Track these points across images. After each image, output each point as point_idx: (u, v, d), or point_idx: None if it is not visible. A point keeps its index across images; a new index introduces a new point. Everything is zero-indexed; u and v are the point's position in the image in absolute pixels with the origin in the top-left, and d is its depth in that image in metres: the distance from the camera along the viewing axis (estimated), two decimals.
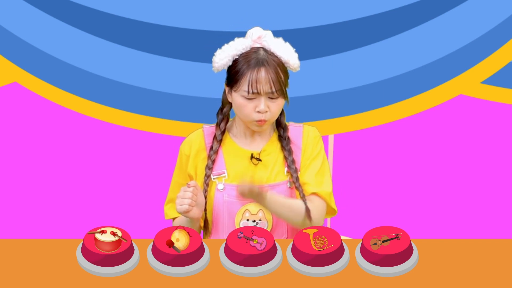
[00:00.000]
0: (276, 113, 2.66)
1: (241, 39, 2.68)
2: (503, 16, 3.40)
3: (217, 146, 2.72)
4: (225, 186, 2.70)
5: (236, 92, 2.64)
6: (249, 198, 2.61)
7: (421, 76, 3.40)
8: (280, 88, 2.62)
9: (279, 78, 2.62)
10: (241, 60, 2.64)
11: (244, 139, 2.74)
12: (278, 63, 2.64)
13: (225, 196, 2.69)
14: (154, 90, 3.39)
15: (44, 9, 3.38)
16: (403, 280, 2.35)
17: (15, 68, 3.41)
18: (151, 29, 3.35)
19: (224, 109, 2.74)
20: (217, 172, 2.71)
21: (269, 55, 2.64)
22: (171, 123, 3.43)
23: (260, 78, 2.61)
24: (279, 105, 2.65)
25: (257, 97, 2.62)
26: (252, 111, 2.63)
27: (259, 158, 2.71)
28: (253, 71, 2.61)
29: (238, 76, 2.63)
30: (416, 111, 3.49)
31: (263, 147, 2.73)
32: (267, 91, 2.61)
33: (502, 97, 3.49)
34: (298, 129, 2.76)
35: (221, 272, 2.38)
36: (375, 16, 3.36)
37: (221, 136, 2.72)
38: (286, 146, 2.71)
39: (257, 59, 2.62)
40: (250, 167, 2.71)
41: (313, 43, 3.36)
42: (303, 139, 2.74)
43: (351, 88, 3.40)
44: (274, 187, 2.69)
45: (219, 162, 2.72)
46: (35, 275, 2.36)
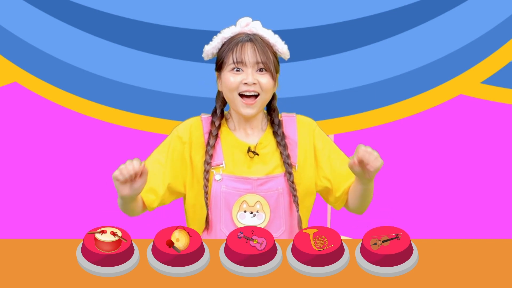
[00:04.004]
0: (265, 89, 2.66)
1: (230, 27, 2.70)
2: (503, 16, 3.40)
3: (213, 141, 2.72)
4: (222, 177, 2.70)
5: (224, 71, 2.66)
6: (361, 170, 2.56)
7: (421, 76, 3.40)
8: (267, 61, 2.63)
9: (265, 51, 2.64)
10: (228, 41, 2.69)
11: (239, 132, 2.74)
12: (266, 42, 2.67)
13: (223, 187, 2.69)
14: (154, 90, 3.39)
15: (44, 9, 3.38)
16: (403, 280, 2.35)
17: (15, 68, 3.41)
18: (151, 29, 3.35)
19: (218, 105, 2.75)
20: (215, 163, 2.71)
21: (256, 36, 2.68)
22: (171, 123, 3.43)
23: (245, 49, 2.64)
24: (268, 81, 2.66)
25: (245, 70, 2.64)
26: (240, 84, 2.64)
27: (255, 151, 2.71)
28: (239, 45, 2.65)
29: (225, 53, 2.67)
30: (416, 111, 3.49)
31: (259, 139, 2.73)
32: (252, 62, 2.63)
33: (502, 97, 3.49)
34: (291, 119, 2.76)
35: (221, 272, 2.38)
36: (375, 16, 3.37)
37: (216, 131, 2.73)
38: (281, 141, 2.72)
39: (244, 37, 2.67)
40: (247, 157, 2.71)
41: (313, 43, 3.36)
42: (298, 131, 2.75)
43: (351, 88, 3.40)
44: (272, 179, 2.69)
45: (217, 153, 2.72)
46: (35, 275, 2.36)
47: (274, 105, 2.76)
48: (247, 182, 2.69)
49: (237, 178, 2.69)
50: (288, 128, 2.75)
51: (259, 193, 2.68)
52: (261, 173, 2.69)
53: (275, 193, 2.69)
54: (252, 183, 2.69)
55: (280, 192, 2.70)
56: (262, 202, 2.68)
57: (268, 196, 2.69)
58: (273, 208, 2.69)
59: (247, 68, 2.64)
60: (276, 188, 2.70)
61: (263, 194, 2.68)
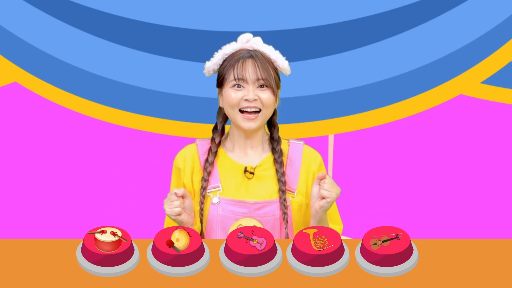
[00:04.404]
0: (266, 105, 2.65)
1: (231, 43, 2.70)
2: (503, 16, 3.40)
3: (212, 158, 2.71)
4: (219, 200, 2.69)
5: (225, 87, 2.65)
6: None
7: (421, 76, 3.41)
8: (268, 77, 2.63)
9: (266, 68, 2.64)
10: (229, 58, 2.68)
11: (238, 152, 2.73)
12: (267, 58, 2.67)
13: (220, 210, 2.68)
14: (154, 90, 3.39)
15: (44, 9, 3.38)
16: (403, 280, 2.35)
17: (15, 68, 3.42)
18: (151, 29, 3.35)
19: (219, 121, 2.75)
20: (212, 186, 2.70)
21: (257, 52, 2.67)
22: (171, 123, 3.43)
23: (246, 66, 2.64)
24: (269, 97, 2.65)
25: (246, 87, 2.64)
26: (241, 100, 2.64)
27: (252, 171, 2.70)
28: (240, 61, 2.65)
29: (226, 70, 2.66)
30: (416, 111, 3.49)
31: (259, 162, 2.72)
32: (253, 79, 2.63)
33: (502, 97, 3.49)
34: (298, 146, 2.76)
35: (221, 272, 2.38)
36: (375, 16, 3.37)
37: (216, 148, 2.72)
38: (278, 158, 2.71)
39: (245, 53, 2.66)
40: (244, 180, 2.71)
41: (312, 43, 3.36)
42: (302, 159, 2.74)
43: (351, 88, 3.40)
44: (269, 204, 2.68)
45: (213, 176, 2.71)
46: (35, 275, 2.36)
47: (275, 120, 2.75)
48: (244, 206, 2.68)
49: (234, 202, 2.68)
50: (293, 153, 2.75)
51: (256, 218, 2.67)
52: (258, 197, 2.68)
53: (271, 218, 2.68)
54: (249, 207, 2.68)
55: (277, 218, 2.69)
56: (258, 225, 2.67)
57: (265, 221, 2.67)
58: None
59: (248, 84, 2.64)
60: (273, 214, 2.69)
61: (260, 218, 2.67)
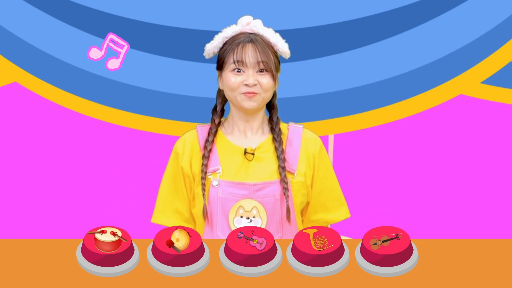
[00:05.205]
0: (266, 89, 2.67)
1: (231, 26, 2.71)
2: (503, 16, 3.40)
3: (212, 137, 2.73)
4: (219, 182, 2.70)
5: (225, 70, 2.67)
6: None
7: (421, 76, 3.40)
8: (268, 61, 2.64)
9: (266, 51, 2.65)
10: (229, 41, 2.70)
11: (237, 135, 2.74)
12: (266, 42, 2.69)
13: (220, 193, 2.69)
14: (154, 90, 3.39)
15: (44, 9, 3.38)
16: (403, 280, 2.35)
17: (15, 68, 3.41)
18: (151, 29, 3.35)
19: (219, 102, 2.76)
20: (212, 169, 2.71)
21: (257, 36, 2.69)
22: (171, 123, 3.43)
23: (246, 50, 2.66)
24: (269, 82, 2.67)
25: (245, 71, 2.65)
26: (240, 84, 2.65)
27: (252, 153, 2.71)
28: (240, 46, 2.67)
29: (226, 53, 2.68)
30: (416, 111, 3.49)
31: (258, 144, 2.73)
32: (253, 62, 2.64)
33: (502, 97, 3.49)
34: (298, 130, 2.77)
35: (221, 272, 2.38)
36: (375, 16, 3.37)
37: (216, 128, 2.74)
38: (277, 137, 2.72)
39: (244, 38, 2.68)
40: (244, 163, 2.71)
41: (312, 43, 3.36)
42: (301, 143, 2.74)
43: (351, 88, 3.40)
44: (269, 185, 2.69)
45: (213, 159, 2.72)
46: (35, 275, 2.36)
47: (274, 102, 2.77)
48: (243, 187, 2.68)
49: (234, 184, 2.68)
50: (293, 135, 2.75)
51: (256, 199, 2.68)
52: (258, 179, 2.69)
53: (272, 199, 2.69)
54: (249, 188, 2.68)
55: (277, 198, 2.70)
56: (259, 207, 2.68)
57: (265, 202, 2.68)
58: (270, 214, 2.69)
59: (248, 69, 2.65)
60: (273, 194, 2.69)
61: (260, 199, 2.68)
